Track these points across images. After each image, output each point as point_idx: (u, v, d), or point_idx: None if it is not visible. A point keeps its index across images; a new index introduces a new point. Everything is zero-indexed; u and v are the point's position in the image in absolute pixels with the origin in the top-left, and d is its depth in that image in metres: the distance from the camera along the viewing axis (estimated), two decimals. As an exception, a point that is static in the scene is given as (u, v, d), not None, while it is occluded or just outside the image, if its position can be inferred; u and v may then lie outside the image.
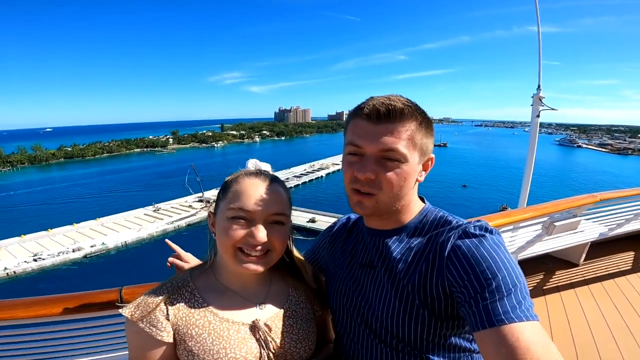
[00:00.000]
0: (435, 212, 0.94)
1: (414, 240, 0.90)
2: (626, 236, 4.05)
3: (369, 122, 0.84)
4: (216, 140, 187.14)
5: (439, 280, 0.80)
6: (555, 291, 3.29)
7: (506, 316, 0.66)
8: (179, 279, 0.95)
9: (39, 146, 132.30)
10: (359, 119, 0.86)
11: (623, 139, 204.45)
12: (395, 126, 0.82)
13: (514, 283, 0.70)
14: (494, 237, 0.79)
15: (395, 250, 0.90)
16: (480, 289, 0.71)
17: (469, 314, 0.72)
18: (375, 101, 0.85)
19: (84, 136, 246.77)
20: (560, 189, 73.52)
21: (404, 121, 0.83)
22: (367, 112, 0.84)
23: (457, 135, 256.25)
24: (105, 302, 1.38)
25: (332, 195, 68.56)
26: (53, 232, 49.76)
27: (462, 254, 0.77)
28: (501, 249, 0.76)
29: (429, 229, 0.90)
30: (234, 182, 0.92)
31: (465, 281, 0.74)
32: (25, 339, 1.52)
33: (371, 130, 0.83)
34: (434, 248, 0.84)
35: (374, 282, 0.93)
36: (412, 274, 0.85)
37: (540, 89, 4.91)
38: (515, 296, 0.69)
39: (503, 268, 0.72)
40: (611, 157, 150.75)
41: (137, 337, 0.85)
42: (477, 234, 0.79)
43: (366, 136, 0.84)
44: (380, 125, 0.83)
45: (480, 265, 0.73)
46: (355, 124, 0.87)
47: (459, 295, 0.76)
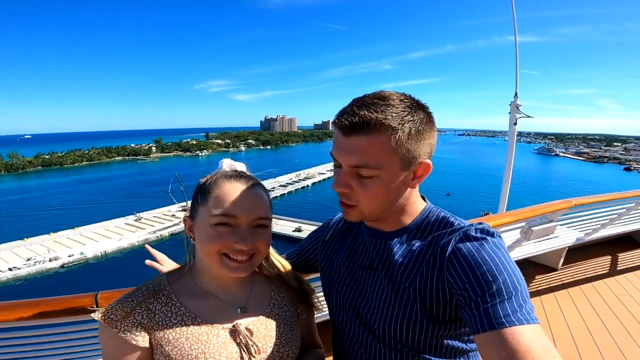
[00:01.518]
0: (437, 212, 0.91)
1: (415, 242, 0.88)
2: (602, 241, 4.16)
3: (341, 134, 0.80)
4: (201, 149, 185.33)
5: (440, 283, 0.79)
6: (535, 295, 3.33)
7: (507, 319, 0.66)
8: (155, 282, 0.91)
9: (15, 154, 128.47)
10: (336, 128, 0.83)
11: (599, 147, 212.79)
12: (363, 140, 0.77)
13: (514, 286, 0.70)
14: (495, 240, 0.78)
15: (396, 253, 0.89)
16: (481, 292, 0.70)
17: (469, 316, 0.72)
18: (348, 110, 0.79)
19: (64, 144, 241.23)
20: (539, 196, 75.57)
21: (373, 133, 0.76)
22: (339, 122, 0.79)
23: (440, 144, 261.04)
24: (79, 308, 1.33)
25: (318, 205, 68.56)
26: (29, 241, 48.11)
27: (462, 257, 0.76)
28: (502, 252, 0.75)
29: (430, 230, 0.88)
30: (213, 186, 0.87)
31: (466, 284, 0.73)
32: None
33: (342, 143, 0.80)
34: (435, 251, 0.82)
35: (373, 284, 0.92)
36: (414, 276, 0.84)
37: (517, 96, 5.03)
38: (516, 299, 0.69)
39: (504, 271, 0.71)
40: (587, 165, 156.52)
41: (111, 342, 0.81)
42: (478, 236, 0.78)
43: (338, 149, 0.82)
44: (349, 137, 0.78)
45: (480, 268, 0.72)
46: (335, 133, 0.84)
47: (459, 298, 0.75)
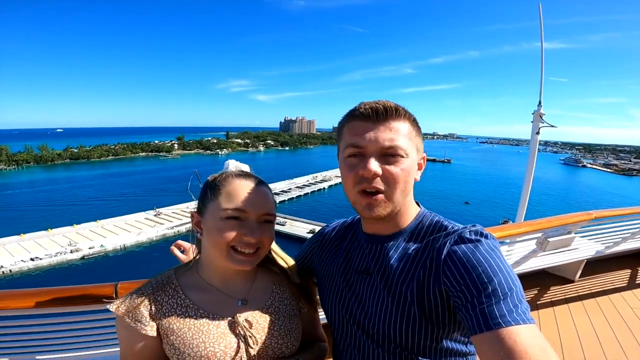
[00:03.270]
0: (431, 216, 0.94)
1: (411, 246, 0.90)
2: (623, 254, 4.04)
3: (367, 122, 0.85)
4: (221, 148, 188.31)
5: (436, 286, 0.81)
6: (549, 306, 3.28)
7: (503, 319, 0.67)
8: (164, 276, 0.99)
9: (45, 146, 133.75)
10: (355, 121, 0.87)
11: (628, 159, 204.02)
12: (393, 123, 0.84)
13: (509, 287, 0.71)
14: (489, 242, 0.80)
15: (392, 257, 0.91)
16: (477, 293, 0.72)
17: (466, 317, 0.73)
18: (369, 103, 0.87)
19: (92, 138, 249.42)
20: (560, 207, 72.94)
21: (401, 119, 0.86)
22: (364, 112, 0.85)
23: (461, 152, 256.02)
24: (101, 296, 1.42)
25: (333, 207, 68.39)
26: (52, 232, 49.81)
27: (458, 259, 0.78)
28: (496, 253, 0.77)
29: (425, 233, 0.90)
30: (224, 183, 0.95)
31: (462, 285, 0.75)
32: (19, 331, 1.54)
33: (371, 128, 0.84)
34: (431, 253, 0.84)
35: (369, 288, 0.93)
36: (410, 280, 0.85)
37: (541, 105, 4.93)
38: (512, 300, 0.70)
39: (499, 272, 0.73)
40: (615, 178, 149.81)
41: (125, 331, 0.90)
42: (473, 238, 0.80)
43: (367, 135, 0.84)
44: (379, 123, 0.84)
45: (476, 269, 0.74)
46: (352, 126, 0.87)
47: (456, 300, 0.77)
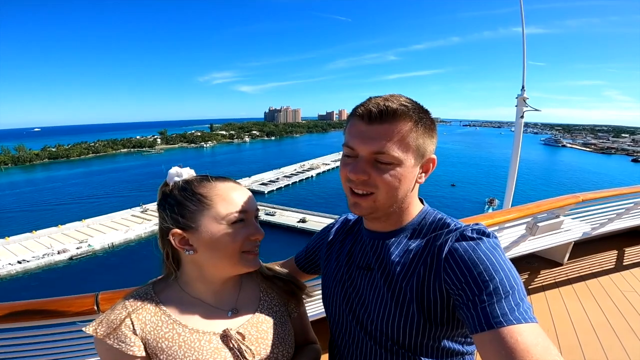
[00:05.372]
0: (434, 214, 0.94)
1: (412, 243, 0.90)
2: (609, 235, 4.11)
3: (362, 123, 0.84)
4: (205, 141, 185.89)
5: (437, 283, 0.80)
6: (540, 290, 3.32)
7: (504, 318, 0.66)
8: (142, 292, 0.92)
9: (22, 146, 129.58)
10: (355, 119, 0.87)
11: (606, 138, 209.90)
12: (386, 128, 0.82)
13: (511, 285, 0.70)
14: (491, 240, 0.79)
15: (393, 253, 0.90)
16: (478, 292, 0.71)
17: (467, 316, 0.72)
18: (371, 102, 0.85)
19: (71, 136, 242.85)
20: (545, 187, 74.97)
21: (397, 122, 0.82)
22: (361, 112, 0.84)
23: (445, 135, 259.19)
24: (79, 312, 1.32)
25: (323, 195, 68.59)
26: (37, 234, 48.79)
27: (459, 257, 0.77)
28: (498, 252, 0.76)
29: (427, 231, 0.90)
30: (207, 190, 0.90)
31: (463, 284, 0.74)
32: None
33: (363, 131, 0.84)
34: (432, 251, 0.84)
35: (370, 284, 0.93)
36: (410, 276, 0.85)
37: (524, 89, 4.96)
38: (513, 298, 0.69)
39: (500, 270, 0.72)
40: (595, 157, 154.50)
41: (109, 354, 0.83)
42: (474, 237, 0.79)
43: (359, 138, 0.84)
44: (371, 126, 0.82)
45: (477, 267, 0.73)
46: (352, 124, 0.87)
47: (457, 298, 0.76)
